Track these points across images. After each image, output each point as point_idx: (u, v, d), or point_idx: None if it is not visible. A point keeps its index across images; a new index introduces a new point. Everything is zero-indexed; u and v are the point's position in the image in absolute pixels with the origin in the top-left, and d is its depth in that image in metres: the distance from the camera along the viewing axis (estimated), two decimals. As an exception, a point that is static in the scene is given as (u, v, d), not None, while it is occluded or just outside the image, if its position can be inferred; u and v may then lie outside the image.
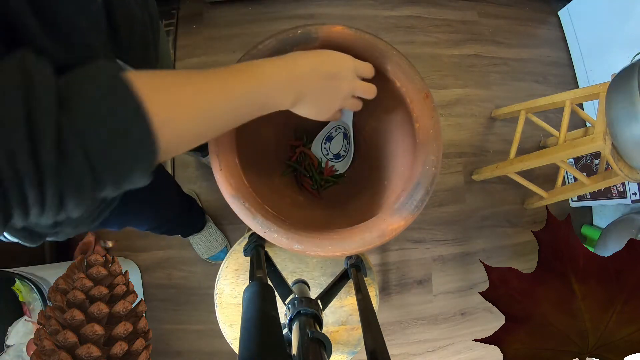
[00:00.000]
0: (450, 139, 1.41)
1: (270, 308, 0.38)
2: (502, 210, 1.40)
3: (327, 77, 0.40)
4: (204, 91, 0.31)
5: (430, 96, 0.52)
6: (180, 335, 1.25)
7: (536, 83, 1.50)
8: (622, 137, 0.85)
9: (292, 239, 0.47)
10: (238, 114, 0.35)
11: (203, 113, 0.30)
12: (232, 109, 0.33)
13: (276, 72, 0.37)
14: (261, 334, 0.34)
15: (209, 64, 1.39)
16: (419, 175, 0.50)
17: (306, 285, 0.58)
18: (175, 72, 0.31)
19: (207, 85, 0.31)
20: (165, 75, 0.29)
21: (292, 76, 0.38)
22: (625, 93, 0.82)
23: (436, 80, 1.45)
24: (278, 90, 0.37)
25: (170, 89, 0.28)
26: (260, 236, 0.50)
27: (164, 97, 0.27)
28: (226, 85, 0.32)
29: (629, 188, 1.20)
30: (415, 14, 1.50)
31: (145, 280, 1.27)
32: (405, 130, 0.57)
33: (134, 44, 0.42)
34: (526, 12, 1.56)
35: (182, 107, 0.29)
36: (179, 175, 1.32)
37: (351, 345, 0.66)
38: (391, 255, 1.33)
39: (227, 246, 1.26)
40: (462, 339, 1.32)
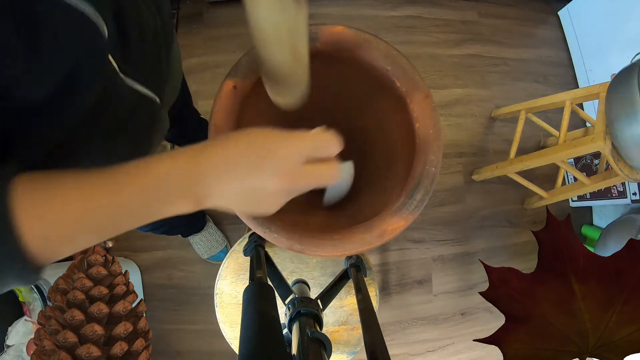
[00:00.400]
0: (450, 139, 1.41)
1: (270, 308, 0.38)
2: (502, 210, 1.40)
3: (249, 173, 0.29)
4: (90, 207, 0.27)
5: (430, 96, 0.52)
6: (180, 335, 1.25)
7: (536, 83, 1.50)
8: (622, 137, 0.85)
9: (292, 239, 0.47)
10: (131, 222, 0.29)
11: (86, 225, 0.27)
12: (121, 219, 0.29)
13: (173, 174, 0.28)
14: (261, 334, 0.34)
15: (209, 63, 1.39)
16: (419, 175, 0.50)
17: (306, 285, 0.58)
18: (64, 178, 0.27)
19: (94, 196, 0.27)
20: (51, 184, 0.27)
21: (192, 177, 0.28)
22: (625, 93, 0.82)
23: (436, 80, 1.45)
24: (173, 196, 0.29)
25: (53, 201, 0.26)
26: (260, 236, 0.50)
27: (43, 211, 0.25)
28: (115, 198, 0.27)
29: (629, 188, 1.20)
30: (415, 14, 1.50)
31: (145, 280, 1.27)
32: (405, 130, 0.57)
33: (145, 57, 0.41)
34: (526, 12, 1.56)
35: (61, 221, 0.26)
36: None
37: (351, 345, 0.66)
38: (391, 255, 1.33)
39: (227, 246, 1.26)
40: (462, 339, 1.32)
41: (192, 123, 0.92)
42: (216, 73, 1.38)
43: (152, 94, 0.43)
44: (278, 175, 0.29)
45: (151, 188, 0.28)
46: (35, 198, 0.25)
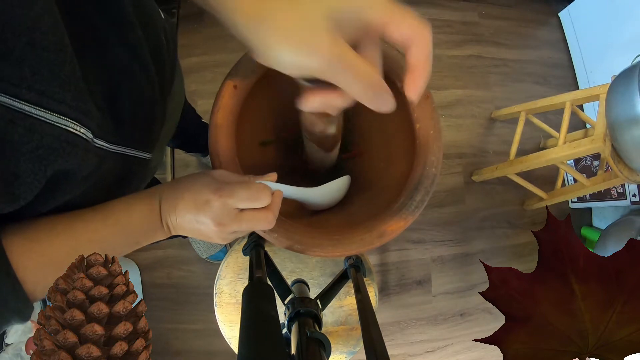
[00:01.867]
0: (450, 140, 1.41)
1: (270, 308, 0.38)
2: (501, 211, 1.40)
3: (192, 220, 0.36)
4: (77, 247, 0.32)
5: (430, 97, 0.52)
6: (180, 334, 1.25)
7: (536, 84, 1.50)
8: (622, 139, 0.85)
9: (292, 239, 0.47)
10: (122, 252, 0.37)
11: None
12: (114, 252, 0.35)
13: (144, 217, 0.37)
14: (260, 334, 0.34)
15: (209, 63, 1.39)
16: (419, 175, 0.50)
17: (305, 285, 0.58)
18: (48, 229, 0.31)
19: (79, 240, 0.32)
20: (38, 236, 0.30)
21: (162, 215, 0.37)
22: (626, 95, 0.82)
23: (436, 81, 1.45)
24: (153, 230, 0.38)
25: (44, 252, 0.30)
26: (259, 236, 0.50)
27: (35, 261, 0.29)
28: (97, 237, 0.34)
29: (629, 190, 1.20)
30: (415, 14, 1.50)
31: (145, 279, 1.27)
32: (405, 130, 0.57)
33: (138, 124, 0.40)
34: (527, 13, 1.56)
35: (53, 266, 0.30)
36: (179, 175, 1.32)
37: (350, 345, 0.66)
38: (391, 255, 1.33)
39: (226, 246, 1.26)
40: (461, 339, 1.32)
41: (192, 130, 0.91)
42: (216, 72, 1.38)
43: (143, 154, 0.42)
44: (213, 223, 0.35)
45: (137, 229, 0.37)
46: (27, 251, 0.29)
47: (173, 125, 0.63)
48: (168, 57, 0.46)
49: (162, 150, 0.59)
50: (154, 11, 0.44)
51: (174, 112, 0.60)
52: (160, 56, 0.42)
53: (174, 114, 0.60)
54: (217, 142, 0.50)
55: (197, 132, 0.93)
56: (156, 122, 0.44)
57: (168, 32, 0.48)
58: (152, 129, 0.44)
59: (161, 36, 0.43)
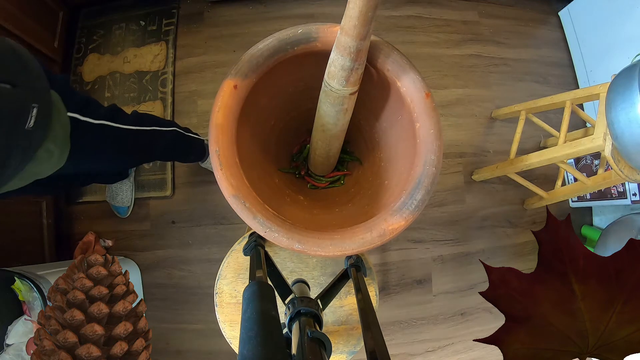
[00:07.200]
0: (451, 139, 1.41)
1: (270, 307, 0.38)
2: (502, 210, 1.40)
3: None
4: None
5: (430, 96, 0.52)
6: (180, 334, 1.25)
7: (536, 83, 1.50)
8: (623, 138, 0.85)
9: (292, 238, 0.47)
10: None
11: None
12: None
13: None
14: (261, 334, 0.34)
15: (209, 63, 1.39)
16: (420, 175, 0.50)
17: (306, 285, 0.58)
18: None
19: None
20: None
21: None
22: (626, 94, 0.82)
23: (436, 80, 1.45)
24: None
25: None
26: (260, 236, 0.50)
27: None
28: None
29: (629, 189, 1.20)
30: (415, 14, 1.50)
31: (145, 279, 1.27)
32: (405, 130, 0.57)
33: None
34: (527, 12, 1.56)
35: None
36: (179, 186, 1.32)
37: (351, 345, 0.66)
38: (391, 255, 1.33)
39: (129, 208, 1.29)
40: (461, 339, 1.32)
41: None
42: (216, 72, 1.38)
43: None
44: None
45: None
46: None
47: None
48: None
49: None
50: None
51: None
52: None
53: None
54: (218, 141, 0.50)
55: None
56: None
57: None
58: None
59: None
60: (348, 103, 0.55)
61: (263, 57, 0.53)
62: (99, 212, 1.30)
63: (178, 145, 0.99)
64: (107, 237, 1.28)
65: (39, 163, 0.60)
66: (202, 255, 1.28)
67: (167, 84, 1.35)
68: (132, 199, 1.28)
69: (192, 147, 1.07)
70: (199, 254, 1.28)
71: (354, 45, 0.46)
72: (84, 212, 1.31)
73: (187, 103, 1.36)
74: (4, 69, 0.51)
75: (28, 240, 1.16)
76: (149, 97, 1.35)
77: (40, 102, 0.56)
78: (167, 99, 1.35)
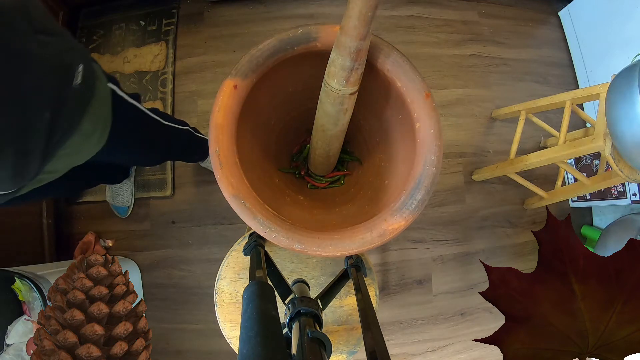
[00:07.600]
0: (451, 139, 1.41)
1: (270, 307, 0.38)
2: (502, 210, 1.40)
3: None
4: None
5: (430, 96, 0.52)
6: (180, 334, 1.25)
7: (536, 83, 1.50)
8: (623, 138, 0.85)
9: (292, 238, 0.47)
10: None
11: None
12: None
13: None
14: (261, 334, 0.34)
15: (209, 63, 1.39)
16: (420, 174, 0.50)
17: (306, 285, 0.58)
18: None
19: None
20: None
21: None
22: (626, 93, 0.82)
23: (436, 80, 1.45)
24: None
25: None
26: (260, 236, 0.50)
27: None
28: None
29: (629, 189, 1.19)
30: (415, 14, 1.50)
31: (145, 279, 1.27)
32: (405, 130, 0.57)
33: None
34: (527, 12, 1.56)
35: None
36: (179, 185, 1.32)
37: (351, 345, 0.66)
38: (391, 255, 1.33)
39: (129, 208, 1.29)
40: (461, 339, 1.32)
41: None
42: (216, 72, 1.38)
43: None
44: None
45: None
46: None
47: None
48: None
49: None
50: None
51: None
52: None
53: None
54: (218, 141, 0.50)
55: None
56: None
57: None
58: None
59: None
60: (348, 103, 0.55)
61: (263, 57, 0.53)
62: (99, 212, 1.30)
63: (190, 145, 1.00)
64: (107, 237, 1.28)
65: (80, 143, 0.56)
66: (202, 255, 1.28)
67: (167, 84, 1.36)
68: (132, 199, 1.28)
69: (200, 146, 1.07)
70: (199, 254, 1.28)
71: (354, 45, 0.46)
72: (84, 212, 1.31)
73: (187, 103, 1.36)
74: (48, 21, 0.47)
75: (28, 240, 1.16)
76: (149, 97, 1.35)
77: (84, 60, 0.52)
78: (167, 99, 1.35)
